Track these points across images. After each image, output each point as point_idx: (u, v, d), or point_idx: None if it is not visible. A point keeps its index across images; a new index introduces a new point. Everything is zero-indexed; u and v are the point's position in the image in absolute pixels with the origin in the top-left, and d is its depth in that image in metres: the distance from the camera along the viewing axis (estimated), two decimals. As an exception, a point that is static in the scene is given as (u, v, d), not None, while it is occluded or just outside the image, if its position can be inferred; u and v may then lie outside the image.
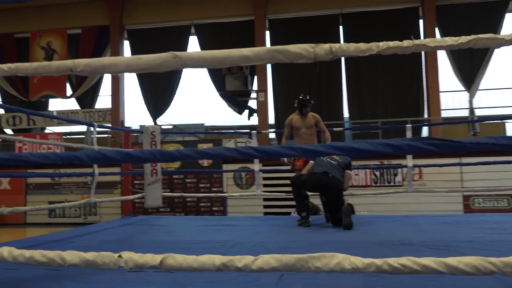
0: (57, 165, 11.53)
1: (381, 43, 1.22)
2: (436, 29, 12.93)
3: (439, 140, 1.16)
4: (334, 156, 4.83)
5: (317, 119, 5.22)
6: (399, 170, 11.50)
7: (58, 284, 2.39)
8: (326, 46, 1.21)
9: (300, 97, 5.13)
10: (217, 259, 1.24)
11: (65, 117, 13.82)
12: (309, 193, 5.17)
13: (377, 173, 12.01)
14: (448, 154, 9.96)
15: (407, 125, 5.55)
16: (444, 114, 13.09)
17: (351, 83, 13.60)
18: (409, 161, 5.52)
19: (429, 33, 12.75)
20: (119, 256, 1.26)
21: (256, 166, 5.67)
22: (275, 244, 3.51)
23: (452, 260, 1.17)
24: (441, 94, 13.00)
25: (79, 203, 4.87)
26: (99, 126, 5.17)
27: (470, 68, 12.87)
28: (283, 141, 5.31)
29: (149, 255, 1.29)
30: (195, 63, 1.31)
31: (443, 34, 12.94)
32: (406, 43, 1.22)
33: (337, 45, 1.21)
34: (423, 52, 13.04)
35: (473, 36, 1.20)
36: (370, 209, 10.75)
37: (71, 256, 1.27)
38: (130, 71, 1.36)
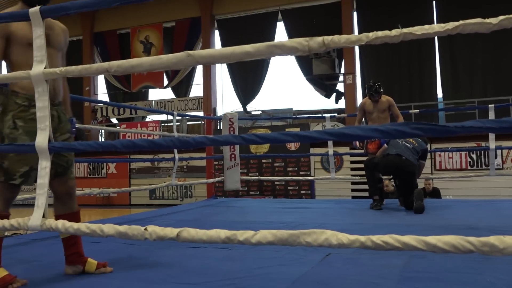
0: (155, 151, 12.53)
1: (370, 34, 1.28)
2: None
3: (425, 124, 1.20)
4: (410, 140, 4.74)
5: (391, 103, 5.12)
6: (498, 152, 10.74)
7: (128, 255, 2.72)
8: (319, 39, 1.30)
9: (370, 83, 5.09)
10: (223, 233, 1.40)
11: (147, 108, 14.88)
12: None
13: (474, 156, 11.34)
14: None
15: (489, 105, 5.23)
16: (552, 90, 11.94)
17: (445, 60, 12.89)
18: (492, 143, 5.21)
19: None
20: (145, 229, 1.48)
21: (330, 150, 5.72)
22: (336, 226, 3.57)
23: (431, 239, 1.23)
24: (548, 68, 11.87)
25: (161, 185, 5.29)
26: (179, 115, 5.55)
27: None
28: (355, 124, 5.30)
29: (168, 229, 1.48)
30: (205, 60, 1.47)
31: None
32: (394, 32, 1.27)
33: (329, 37, 1.29)
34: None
35: (461, 22, 1.22)
36: (464, 193, 10.21)
37: (108, 228, 1.51)
38: (153, 70, 1.56)
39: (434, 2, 13.04)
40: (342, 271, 2.26)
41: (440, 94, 13.15)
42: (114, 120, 16.63)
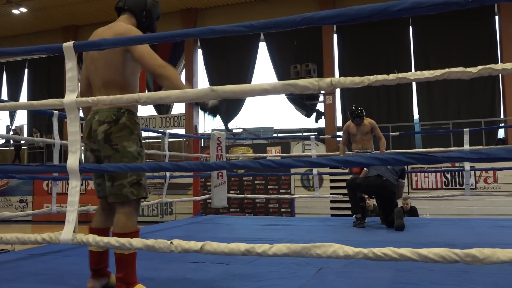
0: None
1: (371, 77, 1.51)
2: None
3: (418, 154, 1.44)
4: None
5: (373, 125, 5.41)
6: (472, 172, 11.18)
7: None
8: (328, 80, 1.52)
9: (353, 108, 5.38)
10: (242, 246, 1.59)
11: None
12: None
13: (449, 176, 11.78)
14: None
15: (464, 129, 5.58)
16: (522, 113, 12.54)
17: (421, 83, 13.36)
18: (467, 165, 5.54)
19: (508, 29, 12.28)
20: (171, 242, 1.66)
21: (315, 169, 5.96)
22: (324, 243, 3.80)
23: (424, 251, 1.45)
24: (518, 92, 12.47)
25: (153, 202, 5.44)
26: (170, 134, 5.73)
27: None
28: (341, 146, 5.57)
29: (192, 242, 1.67)
30: (227, 94, 1.68)
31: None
32: (391, 76, 1.50)
33: (336, 79, 1.52)
34: (498, 47, 12.62)
35: (446, 70, 1.46)
36: (440, 212, 10.57)
37: (136, 242, 1.68)
38: (179, 102, 1.76)
39: (410, 26, 13.59)
40: (336, 283, 2.46)
41: (416, 115, 13.65)
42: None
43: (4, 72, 18.05)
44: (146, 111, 16.25)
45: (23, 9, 14.83)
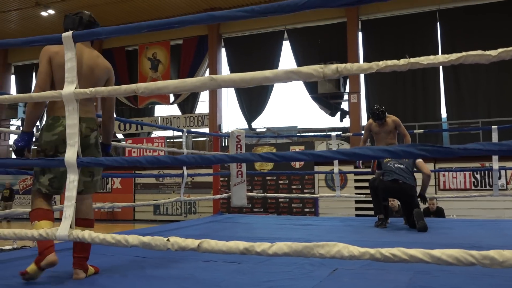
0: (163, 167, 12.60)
1: (380, 63, 1.39)
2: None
3: (431, 146, 1.31)
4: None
5: (397, 123, 5.23)
6: (502, 172, 10.78)
7: (141, 268, 2.81)
8: (333, 66, 1.41)
9: (374, 109, 5.21)
10: (241, 245, 1.49)
11: (157, 124, 14.98)
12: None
13: (478, 176, 11.41)
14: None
15: (493, 127, 5.34)
16: (555, 112, 12.05)
17: (449, 80, 13.05)
18: (495, 164, 5.30)
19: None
20: (167, 240, 1.58)
21: (336, 168, 5.81)
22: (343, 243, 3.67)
23: (436, 252, 1.32)
24: (552, 90, 11.99)
25: (171, 200, 5.40)
26: (188, 132, 5.68)
27: None
28: (361, 144, 5.41)
29: (189, 240, 1.58)
30: (227, 84, 1.59)
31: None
32: (402, 61, 1.38)
33: (342, 65, 1.41)
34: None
35: (463, 53, 1.33)
36: (468, 213, 10.24)
37: (133, 238, 1.61)
38: (178, 92, 1.68)
39: (438, 23, 13.24)
40: (350, 285, 2.34)
41: (444, 114, 13.28)
42: (120, 136, 16.80)
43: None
44: (170, 111, 16.36)
45: (51, 11, 15.10)
